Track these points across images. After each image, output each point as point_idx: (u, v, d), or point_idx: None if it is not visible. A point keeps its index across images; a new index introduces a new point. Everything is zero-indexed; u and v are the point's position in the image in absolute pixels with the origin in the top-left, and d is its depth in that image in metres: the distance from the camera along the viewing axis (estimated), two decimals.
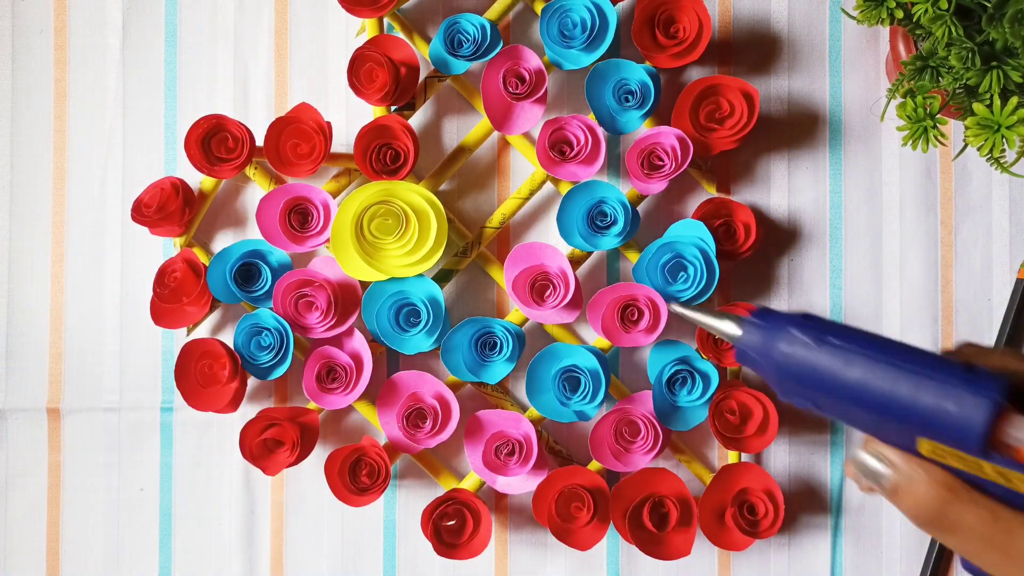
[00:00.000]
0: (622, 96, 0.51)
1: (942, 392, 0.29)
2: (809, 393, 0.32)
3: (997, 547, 0.30)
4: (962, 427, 0.29)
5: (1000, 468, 0.29)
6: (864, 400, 0.31)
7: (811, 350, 0.31)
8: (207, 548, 0.55)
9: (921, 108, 0.43)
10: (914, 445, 0.31)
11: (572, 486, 0.51)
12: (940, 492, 0.31)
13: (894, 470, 0.31)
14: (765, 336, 0.32)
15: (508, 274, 0.52)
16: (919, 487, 0.31)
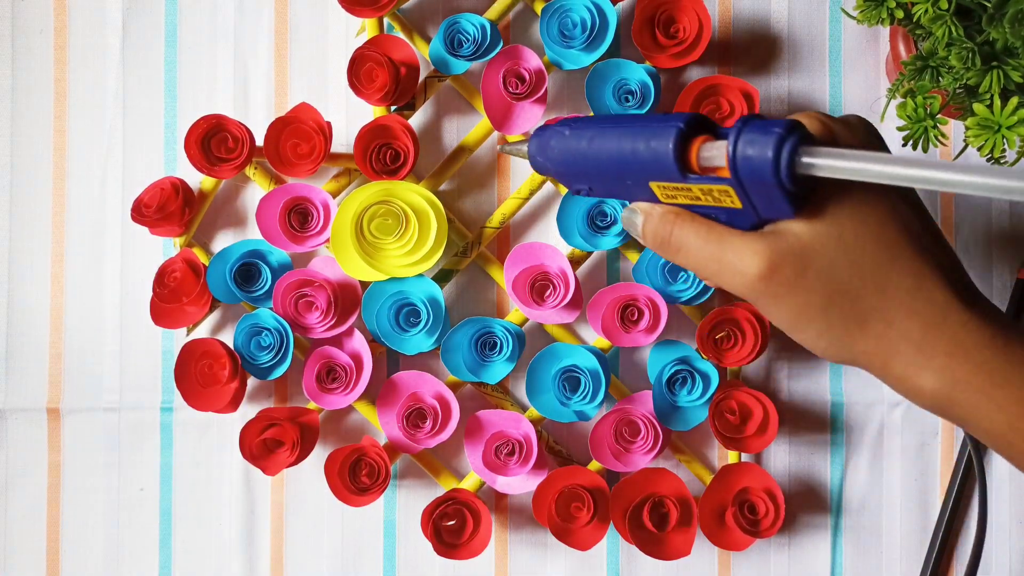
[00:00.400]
0: (622, 96, 0.51)
1: (645, 135, 0.35)
2: (576, 177, 0.39)
3: (713, 257, 0.35)
4: (661, 157, 0.34)
5: (704, 186, 0.34)
6: (604, 162, 0.37)
7: (565, 136, 0.39)
8: (207, 548, 0.55)
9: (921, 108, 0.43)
10: (656, 196, 0.37)
11: (572, 486, 0.51)
12: (668, 218, 0.37)
13: (641, 214, 0.38)
14: (539, 139, 0.40)
15: (508, 274, 0.52)
16: (654, 219, 0.37)
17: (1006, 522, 0.55)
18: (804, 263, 0.34)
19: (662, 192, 0.36)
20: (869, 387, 0.55)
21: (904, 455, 0.55)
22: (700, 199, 0.35)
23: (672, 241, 0.37)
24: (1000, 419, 0.33)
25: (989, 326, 0.34)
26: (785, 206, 0.33)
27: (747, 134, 0.32)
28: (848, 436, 0.55)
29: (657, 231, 0.37)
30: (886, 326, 0.34)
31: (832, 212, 0.34)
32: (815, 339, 0.35)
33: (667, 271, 0.51)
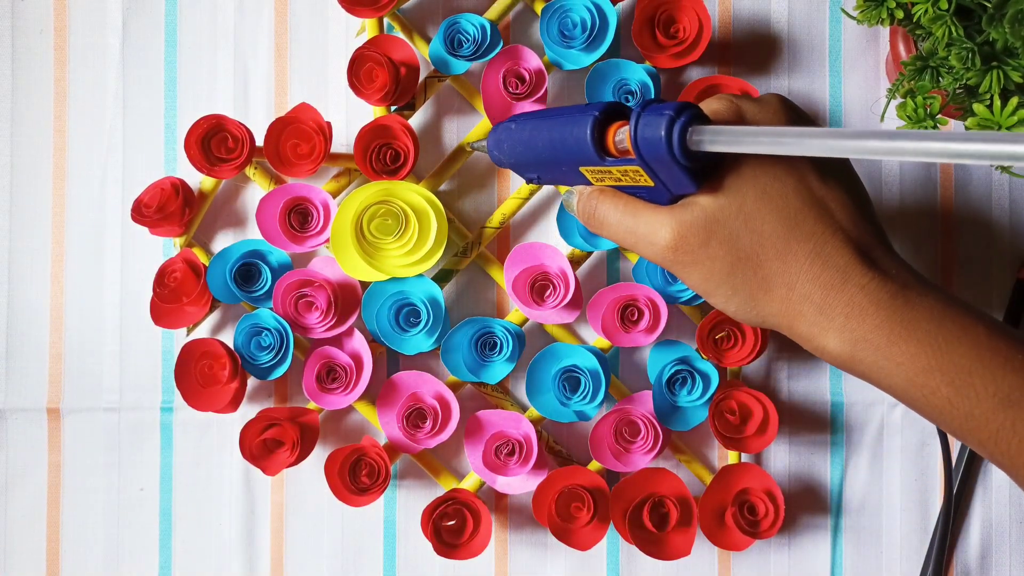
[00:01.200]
0: (622, 96, 0.51)
1: (569, 124, 0.38)
2: (522, 166, 0.42)
3: (629, 230, 0.38)
4: (581, 143, 0.37)
5: (620, 168, 0.37)
6: (541, 151, 0.40)
7: (512, 130, 0.42)
8: (207, 548, 0.55)
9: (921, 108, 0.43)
10: (587, 179, 0.40)
11: (572, 486, 0.51)
12: (593, 196, 0.40)
13: (574, 199, 0.41)
14: (494, 134, 0.44)
15: (508, 274, 0.52)
16: (583, 199, 0.41)
17: (1006, 522, 0.55)
18: (708, 233, 0.36)
19: (592, 176, 0.39)
20: (869, 387, 0.55)
21: (904, 455, 0.55)
22: (621, 180, 0.38)
23: (596, 215, 0.40)
24: (899, 375, 0.35)
25: (888, 286, 0.35)
26: (687, 181, 0.36)
27: (645, 116, 0.35)
28: (848, 436, 0.55)
29: (584, 208, 0.41)
30: (788, 290, 0.36)
31: (734, 184, 0.36)
32: (724, 303, 0.38)
33: (667, 271, 0.51)
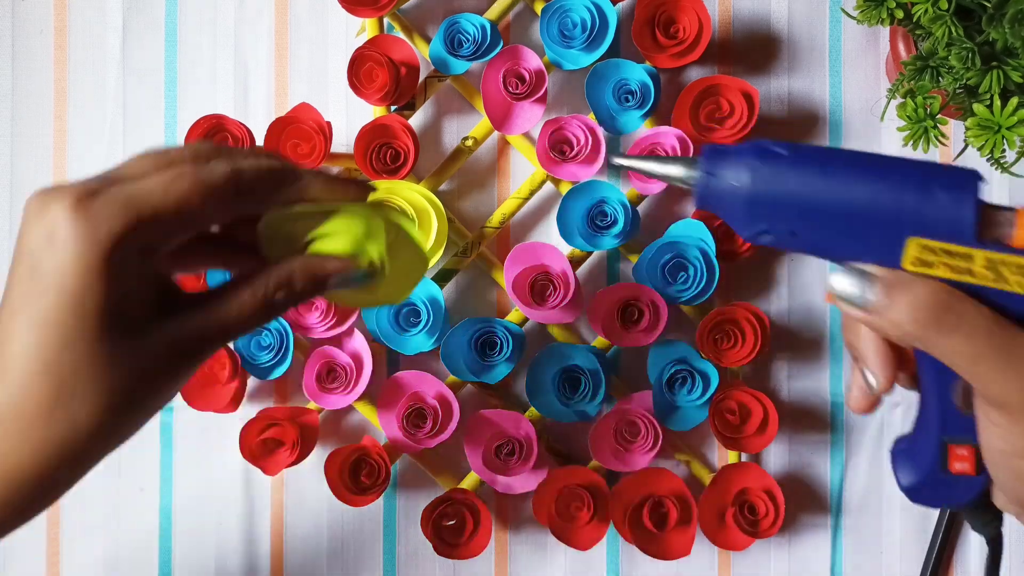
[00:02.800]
0: (622, 96, 0.51)
1: (927, 180, 0.29)
2: (784, 215, 0.31)
3: (1001, 348, 0.29)
4: (950, 211, 0.29)
5: (993, 256, 0.29)
6: (848, 206, 0.30)
7: (786, 160, 0.31)
8: (207, 548, 0.55)
9: (921, 108, 0.43)
10: (898, 259, 0.30)
11: (572, 486, 0.51)
12: (940, 288, 0.30)
13: (879, 283, 0.30)
14: (733, 159, 0.31)
15: (508, 274, 0.52)
16: (917, 288, 0.30)
17: (1006, 522, 0.54)
18: None
19: (919, 254, 0.30)
20: None
21: None
22: (973, 273, 0.29)
23: (947, 317, 0.29)
24: None
25: None
26: None
27: None
28: (848, 436, 0.55)
29: (925, 301, 0.29)
30: None
31: None
32: None
33: (667, 271, 0.51)
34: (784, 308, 0.55)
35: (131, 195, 0.31)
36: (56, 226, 0.31)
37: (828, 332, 0.55)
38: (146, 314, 0.32)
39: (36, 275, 0.31)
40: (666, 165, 0.33)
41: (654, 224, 0.55)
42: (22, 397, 0.31)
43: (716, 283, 0.51)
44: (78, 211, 0.31)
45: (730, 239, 0.52)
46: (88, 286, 0.31)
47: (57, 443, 0.32)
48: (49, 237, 0.31)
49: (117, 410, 0.32)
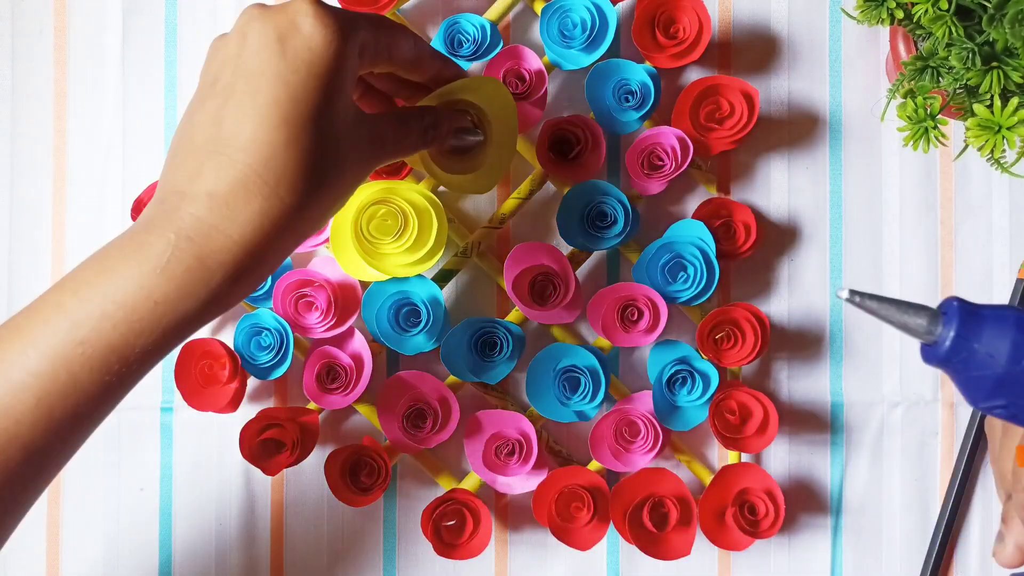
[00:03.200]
0: (622, 96, 0.51)
1: None
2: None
3: None
4: None
5: None
6: None
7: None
8: (207, 548, 0.55)
9: (921, 108, 0.43)
10: None
11: (572, 486, 0.51)
12: None
13: None
14: (992, 327, 0.28)
15: (508, 274, 0.52)
16: None
17: None
18: None
19: None
20: (869, 387, 0.55)
21: (904, 455, 0.55)
22: None
23: None
24: None
25: None
26: None
27: None
28: (848, 436, 0.55)
29: None
30: None
31: None
32: None
33: (667, 271, 0.51)
34: (784, 308, 0.55)
35: (364, 14, 0.39)
36: (305, 15, 0.37)
37: (828, 332, 0.55)
38: (356, 108, 0.39)
39: (281, 57, 0.36)
40: (907, 315, 0.30)
41: (654, 224, 0.55)
42: (256, 171, 0.36)
43: (716, 283, 0.51)
44: (323, 8, 0.37)
45: (730, 239, 0.53)
46: (337, 69, 0.37)
47: (272, 216, 0.36)
48: (294, 25, 0.37)
49: (315, 193, 0.37)
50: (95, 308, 0.35)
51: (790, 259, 0.55)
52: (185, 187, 0.36)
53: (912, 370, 0.55)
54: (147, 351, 0.36)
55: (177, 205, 0.36)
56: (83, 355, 0.35)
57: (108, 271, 0.36)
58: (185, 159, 0.37)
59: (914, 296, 0.55)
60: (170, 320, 0.36)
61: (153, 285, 0.35)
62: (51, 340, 0.35)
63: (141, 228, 0.36)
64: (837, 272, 0.55)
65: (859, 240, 0.55)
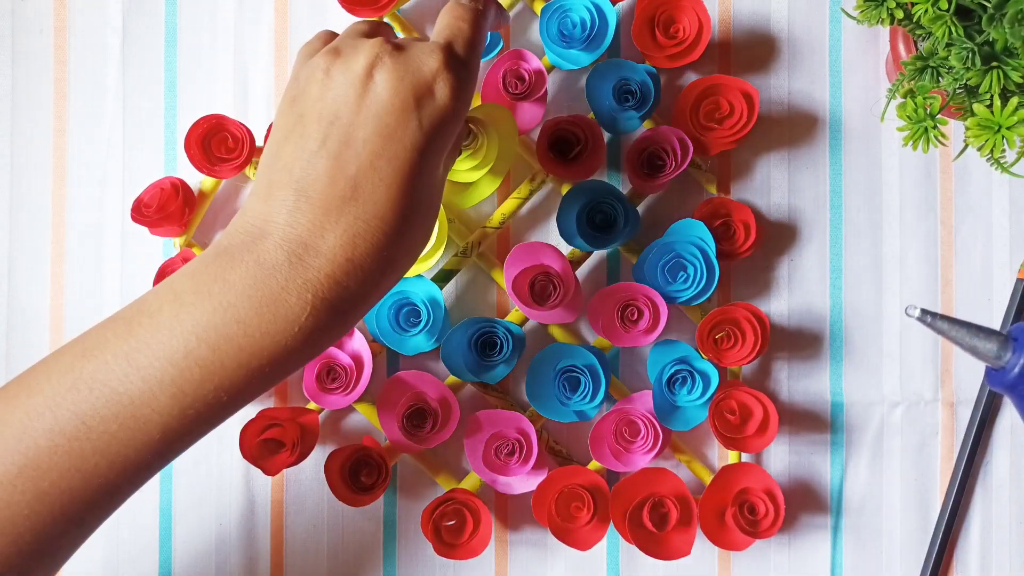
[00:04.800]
0: (622, 96, 0.51)
1: None
2: None
3: None
4: None
5: None
6: None
7: None
8: (207, 548, 0.55)
9: (921, 108, 0.43)
10: None
11: (572, 486, 0.51)
12: None
13: None
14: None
15: (508, 274, 0.52)
16: None
17: (1006, 522, 0.55)
18: None
19: None
20: (869, 387, 0.55)
21: (904, 455, 0.55)
22: None
23: None
24: None
25: None
26: None
27: None
28: (848, 436, 0.55)
29: None
30: None
31: None
32: None
33: (667, 271, 0.51)
34: (784, 308, 0.55)
35: (477, 51, 0.42)
36: (442, 81, 0.38)
37: (828, 332, 0.55)
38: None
39: (419, 125, 0.38)
40: (977, 338, 0.31)
41: (654, 224, 0.55)
42: (392, 240, 0.38)
43: (716, 283, 0.51)
44: (454, 72, 0.39)
45: (730, 239, 0.53)
46: (456, 133, 0.40)
47: (394, 280, 0.40)
48: (430, 89, 0.38)
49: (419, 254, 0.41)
50: (231, 363, 0.36)
51: (790, 259, 0.55)
52: (311, 240, 0.37)
53: (912, 370, 0.55)
54: (251, 396, 0.38)
55: (303, 257, 0.37)
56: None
57: (242, 324, 0.36)
58: (300, 200, 0.37)
59: (913, 296, 0.55)
60: (289, 368, 0.38)
61: (289, 342, 0.36)
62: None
63: (265, 272, 0.36)
64: (837, 272, 0.55)
65: (859, 240, 0.55)
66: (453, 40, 0.40)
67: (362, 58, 0.38)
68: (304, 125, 0.38)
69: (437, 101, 0.38)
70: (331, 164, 0.37)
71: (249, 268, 0.36)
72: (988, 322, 0.55)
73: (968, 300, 0.55)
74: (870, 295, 0.55)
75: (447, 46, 0.39)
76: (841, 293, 0.55)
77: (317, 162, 0.37)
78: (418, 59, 0.38)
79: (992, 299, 0.55)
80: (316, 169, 0.37)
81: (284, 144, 0.39)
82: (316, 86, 0.39)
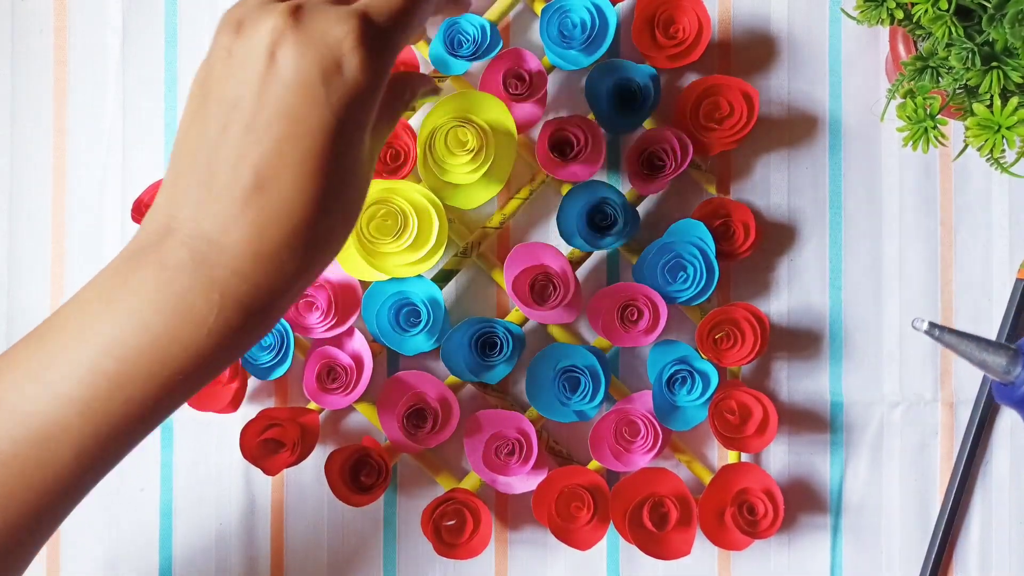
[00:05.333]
0: (622, 96, 0.51)
1: None
2: None
3: None
4: None
5: None
6: None
7: None
8: (207, 548, 0.55)
9: (921, 108, 0.43)
10: None
11: (572, 486, 0.51)
12: None
13: None
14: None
15: (508, 274, 0.52)
16: None
17: (1006, 522, 0.55)
18: None
19: None
20: (869, 387, 0.55)
21: (904, 455, 0.55)
22: None
23: None
24: None
25: None
26: None
27: None
28: (848, 436, 0.55)
29: None
30: None
31: None
32: None
33: (667, 271, 0.51)
34: (784, 308, 0.55)
35: (398, 21, 0.37)
36: (351, 52, 0.35)
37: (828, 332, 0.55)
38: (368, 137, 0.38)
39: (326, 102, 0.34)
40: (986, 352, 0.30)
41: (654, 224, 0.55)
42: (300, 230, 0.35)
43: (716, 283, 0.51)
44: (366, 40, 0.35)
45: (729, 239, 0.53)
46: (373, 108, 0.36)
47: (313, 272, 0.36)
48: (338, 64, 0.34)
49: (344, 242, 0.37)
50: (140, 374, 0.34)
51: (790, 259, 0.55)
52: (215, 235, 0.34)
53: (912, 370, 0.55)
54: (167, 408, 0.36)
55: (208, 255, 0.34)
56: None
57: (149, 331, 0.34)
58: (202, 192, 0.35)
59: (913, 296, 0.55)
60: (205, 375, 0.35)
61: (201, 347, 0.34)
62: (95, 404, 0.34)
63: (169, 274, 0.34)
64: (837, 272, 0.55)
65: (859, 240, 0.55)
66: (371, 5, 0.36)
67: (264, 33, 0.34)
68: (207, 108, 0.35)
69: (346, 76, 0.34)
70: (233, 152, 0.34)
71: (153, 270, 0.34)
72: (988, 322, 0.55)
73: (968, 300, 0.55)
74: (870, 295, 0.55)
75: (362, 14, 0.35)
76: (841, 293, 0.55)
77: (220, 150, 0.34)
78: (323, 30, 0.34)
79: (992, 299, 0.55)
80: (218, 157, 0.34)
81: (189, 129, 0.36)
82: (219, 66, 0.35)
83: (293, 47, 0.34)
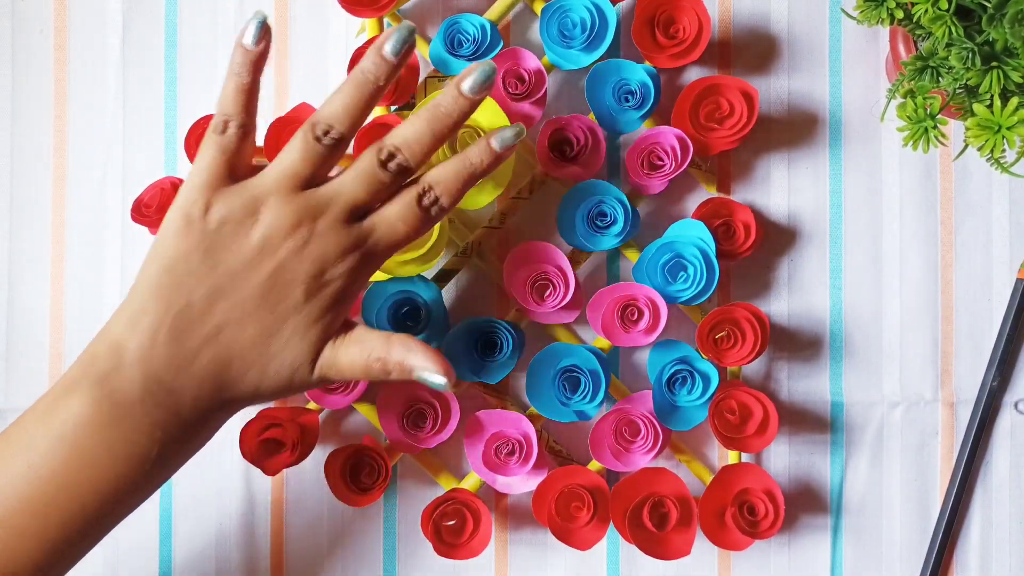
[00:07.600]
0: (622, 96, 0.51)
1: None
2: None
3: None
4: None
5: None
6: None
7: None
8: (207, 548, 0.55)
9: (921, 108, 0.43)
10: None
11: (572, 486, 0.51)
12: None
13: None
14: None
15: (508, 274, 0.52)
16: None
17: (1006, 522, 0.55)
18: None
19: None
20: (869, 387, 0.55)
21: (904, 455, 0.55)
22: None
23: None
24: None
25: None
26: None
27: None
28: (848, 436, 0.55)
29: None
30: None
31: None
32: None
33: (667, 271, 0.51)
34: (784, 308, 0.55)
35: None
36: (336, 273, 0.42)
37: (828, 332, 0.55)
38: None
39: (310, 293, 0.41)
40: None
41: (654, 224, 0.55)
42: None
43: (716, 283, 0.51)
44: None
45: (730, 239, 0.53)
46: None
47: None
48: (325, 273, 0.41)
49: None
50: (74, 505, 0.38)
51: (790, 259, 0.55)
52: (169, 380, 0.39)
53: (912, 370, 0.55)
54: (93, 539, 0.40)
55: (156, 395, 0.39)
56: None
57: (92, 466, 0.38)
58: (168, 337, 0.39)
59: (913, 296, 0.55)
60: (129, 507, 0.41)
61: (137, 479, 0.39)
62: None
63: (118, 413, 0.38)
64: (837, 272, 0.55)
65: (859, 240, 0.55)
66: (380, 240, 0.42)
67: (276, 231, 0.40)
68: (201, 262, 0.40)
69: (328, 290, 0.41)
70: (211, 325, 0.39)
71: (102, 404, 0.38)
72: (988, 322, 0.55)
73: (968, 300, 0.55)
74: (870, 295, 0.55)
75: (366, 252, 0.42)
76: (841, 293, 0.55)
77: (202, 317, 0.39)
78: (326, 255, 0.40)
79: (992, 299, 0.55)
80: (192, 311, 0.39)
81: (175, 266, 0.40)
82: (229, 228, 0.40)
83: (294, 254, 0.40)
